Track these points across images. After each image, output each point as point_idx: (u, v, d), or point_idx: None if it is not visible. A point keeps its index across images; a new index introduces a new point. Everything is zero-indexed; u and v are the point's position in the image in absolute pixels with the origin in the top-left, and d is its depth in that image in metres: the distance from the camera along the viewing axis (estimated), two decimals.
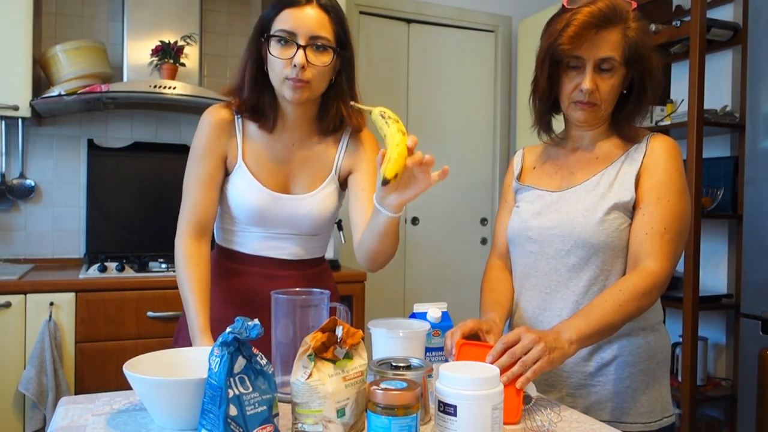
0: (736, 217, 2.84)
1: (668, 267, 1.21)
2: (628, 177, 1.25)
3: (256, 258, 1.40)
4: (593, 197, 1.26)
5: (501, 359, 1.06)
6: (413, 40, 3.72)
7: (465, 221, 3.87)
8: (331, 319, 0.95)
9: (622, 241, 1.24)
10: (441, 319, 1.24)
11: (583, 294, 1.26)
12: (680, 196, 1.23)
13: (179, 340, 1.44)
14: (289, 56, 1.26)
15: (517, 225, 1.36)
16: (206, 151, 1.36)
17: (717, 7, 2.99)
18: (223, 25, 3.21)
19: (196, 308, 1.27)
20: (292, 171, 1.40)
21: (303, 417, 0.91)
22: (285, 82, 1.27)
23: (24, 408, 2.30)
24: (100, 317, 2.38)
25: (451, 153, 3.81)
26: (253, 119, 1.38)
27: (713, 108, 2.85)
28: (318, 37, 1.27)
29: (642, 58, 1.23)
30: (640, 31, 1.22)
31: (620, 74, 1.23)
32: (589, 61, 1.21)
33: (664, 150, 1.25)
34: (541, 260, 1.31)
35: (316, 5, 1.28)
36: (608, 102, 1.25)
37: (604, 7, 1.19)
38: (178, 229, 1.36)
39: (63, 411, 1.05)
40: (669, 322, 3.29)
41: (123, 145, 2.99)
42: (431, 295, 3.63)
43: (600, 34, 1.19)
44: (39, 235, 2.88)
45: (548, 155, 1.41)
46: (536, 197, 1.35)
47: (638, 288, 1.17)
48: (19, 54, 2.52)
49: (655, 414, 1.27)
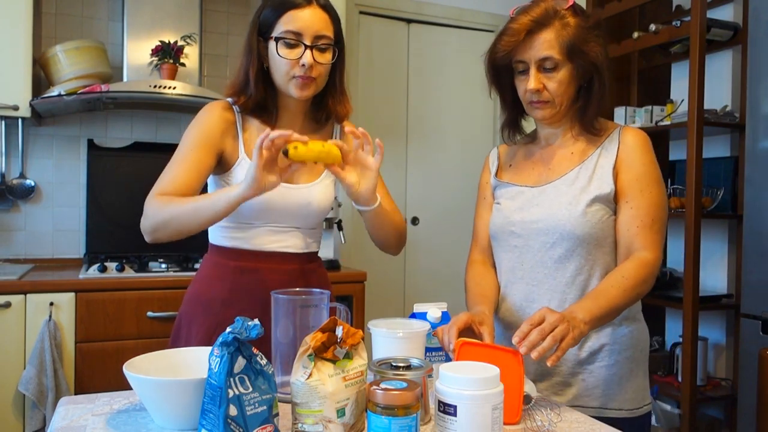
0: (736, 217, 2.84)
1: (660, 256, 1.29)
2: (605, 170, 1.31)
3: (260, 253, 1.41)
4: (574, 191, 1.31)
5: (530, 336, 1.06)
6: (413, 40, 3.72)
7: (465, 221, 3.85)
8: (331, 319, 0.95)
9: (604, 232, 1.29)
10: (441, 319, 1.25)
11: (569, 284, 1.30)
12: (659, 187, 1.31)
13: (179, 341, 1.44)
14: (296, 56, 1.32)
15: (499, 221, 1.40)
16: (203, 142, 1.37)
17: (717, 7, 2.99)
18: (223, 25, 3.21)
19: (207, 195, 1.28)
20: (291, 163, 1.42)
21: (303, 417, 0.91)
22: (292, 80, 1.33)
23: (24, 408, 2.30)
24: (100, 317, 2.38)
25: (450, 153, 3.82)
26: (255, 115, 1.41)
27: (713, 108, 2.85)
28: (322, 36, 1.34)
29: (580, 51, 1.27)
30: (577, 26, 1.27)
31: (567, 70, 1.28)
32: (531, 63, 1.28)
33: (637, 142, 1.31)
34: (526, 254, 1.35)
35: (317, 6, 1.34)
36: (561, 97, 1.30)
37: (536, 12, 1.27)
38: (148, 196, 1.33)
39: (63, 411, 1.05)
40: (669, 322, 3.29)
41: (123, 145, 2.99)
42: (431, 295, 3.63)
43: (535, 36, 1.27)
44: (39, 235, 2.88)
45: (523, 152, 1.45)
46: (516, 193, 1.39)
47: (639, 276, 1.23)
48: (19, 54, 2.52)
49: (637, 401, 1.32)
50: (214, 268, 1.43)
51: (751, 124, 2.56)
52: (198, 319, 1.41)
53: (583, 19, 1.30)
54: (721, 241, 3.01)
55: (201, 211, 1.25)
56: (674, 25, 2.81)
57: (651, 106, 2.99)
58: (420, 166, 3.75)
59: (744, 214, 2.59)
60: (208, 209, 1.25)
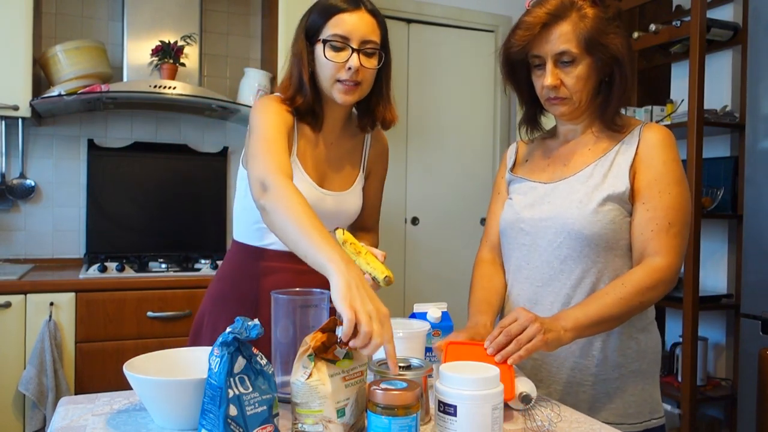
0: (736, 217, 2.84)
1: (677, 262, 1.20)
2: (622, 168, 1.24)
3: (287, 254, 1.36)
4: (587, 188, 1.25)
5: (497, 338, 1.09)
6: (413, 40, 3.72)
7: (465, 221, 3.87)
8: (331, 319, 0.95)
9: (617, 234, 1.23)
10: (441, 319, 1.24)
11: (574, 287, 1.25)
12: (680, 187, 1.22)
13: (200, 339, 1.42)
14: (343, 60, 1.31)
15: (510, 217, 1.36)
16: (283, 129, 1.29)
17: (717, 7, 2.99)
18: (223, 25, 3.21)
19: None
20: (329, 169, 1.45)
21: (303, 417, 0.91)
22: (336, 84, 1.32)
23: (24, 408, 2.30)
24: (100, 317, 2.38)
25: (451, 153, 3.81)
26: (305, 119, 1.40)
27: (713, 108, 2.85)
28: (369, 41, 1.32)
29: (599, 44, 1.21)
30: (595, 18, 1.21)
31: (586, 64, 1.22)
32: (548, 58, 1.23)
33: (658, 140, 1.24)
34: (533, 253, 1.31)
35: (365, 11, 1.34)
36: (579, 93, 1.25)
37: (552, 4, 1.22)
38: (263, 168, 1.19)
39: (63, 411, 1.05)
40: (669, 322, 3.29)
41: (123, 145, 2.98)
42: (431, 295, 3.63)
43: (551, 30, 1.21)
44: (39, 235, 2.88)
45: (541, 148, 1.41)
46: (529, 189, 1.35)
47: (643, 282, 1.17)
48: (19, 54, 2.52)
49: (642, 415, 1.27)
50: (241, 266, 1.42)
51: (751, 124, 2.56)
52: (224, 317, 1.39)
53: (602, 10, 1.23)
54: (721, 241, 3.01)
55: (293, 243, 1.10)
56: (674, 25, 2.81)
57: (651, 106, 2.99)
58: (420, 166, 3.75)
59: (744, 214, 2.59)
60: (297, 248, 1.09)
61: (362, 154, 1.51)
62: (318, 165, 1.42)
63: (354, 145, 1.49)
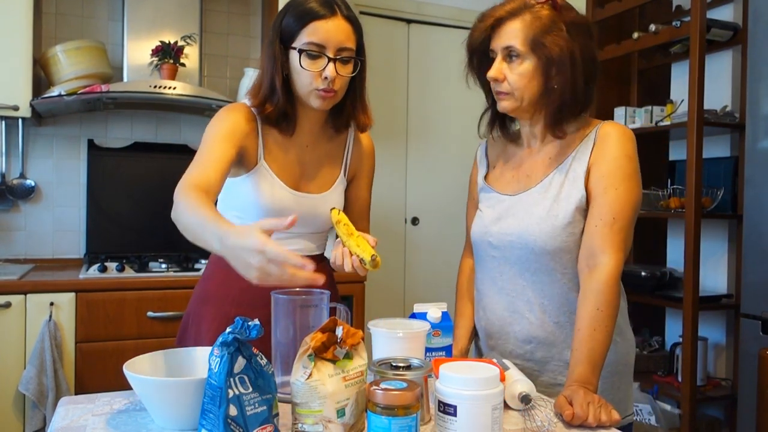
0: (736, 217, 2.84)
1: (621, 258, 1.22)
2: (578, 173, 1.26)
3: None
4: (546, 200, 1.27)
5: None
6: (413, 40, 3.72)
7: (465, 221, 3.86)
8: (331, 319, 0.95)
9: (578, 242, 1.26)
10: (441, 319, 1.24)
11: (548, 297, 1.28)
12: (629, 182, 1.23)
13: (186, 340, 1.43)
14: (319, 69, 1.30)
15: (478, 230, 1.39)
16: (229, 135, 1.31)
17: (717, 7, 2.99)
18: (223, 25, 3.21)
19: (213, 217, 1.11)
20: (306, 171, 1.44)
21: (303, 417, 0.91)
22: (313, 92, 1.32)
23: (24, 408, 2.30)
24: (100, 317, 2.38)
25: (450, 153, 3.81)
26: (276, 124, 1.39)
27: (713, 108, 2.85)
28: (345, 49, 1.32)
29: (541, 44, 1.22)
30: (548, 19, 1.23)
31: (531, 63, 1.24)
32: (497, 52, 1.27)
33: (612, 137, 1.25)
34: (505, 265, 1.33)
35: (341, 17, 1.31)
36: (521, 90, 1.26)
37: (513, 2, 1.26)
38: (179, 184, 1.22)
39: (63, 411, 1.05)
40: (669, 322, 3.29)
41: (123, 145, 2.98)
42: (431, 295, 3.62)
43: (505, 25, 1.26)
44: (39, 235, 2.88)
45: (508, 155, 1.42)
46: (496, 202, 1.37)
47: (610, 297, 1.18)
48: (19, 54, 2.52)
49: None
50: (222, 267, 1.43)
51: (751, 124, 2.56)
52: (207, 317, 1.41)
53: (558, 14, 1.24)
54: (721, 241, 3.01)
55: (196, 234, 1.15)
56: (674, 25, 2.81)
57: (651, 107, 2.99)
58: (420, 166, 3.75)
59: (744, 214, 2.59)
60: (198, 236, 1.14)
61: (344, 154, 1.50)
62: (291, 168, 1.41)
63: (334, 147, 1.48)
